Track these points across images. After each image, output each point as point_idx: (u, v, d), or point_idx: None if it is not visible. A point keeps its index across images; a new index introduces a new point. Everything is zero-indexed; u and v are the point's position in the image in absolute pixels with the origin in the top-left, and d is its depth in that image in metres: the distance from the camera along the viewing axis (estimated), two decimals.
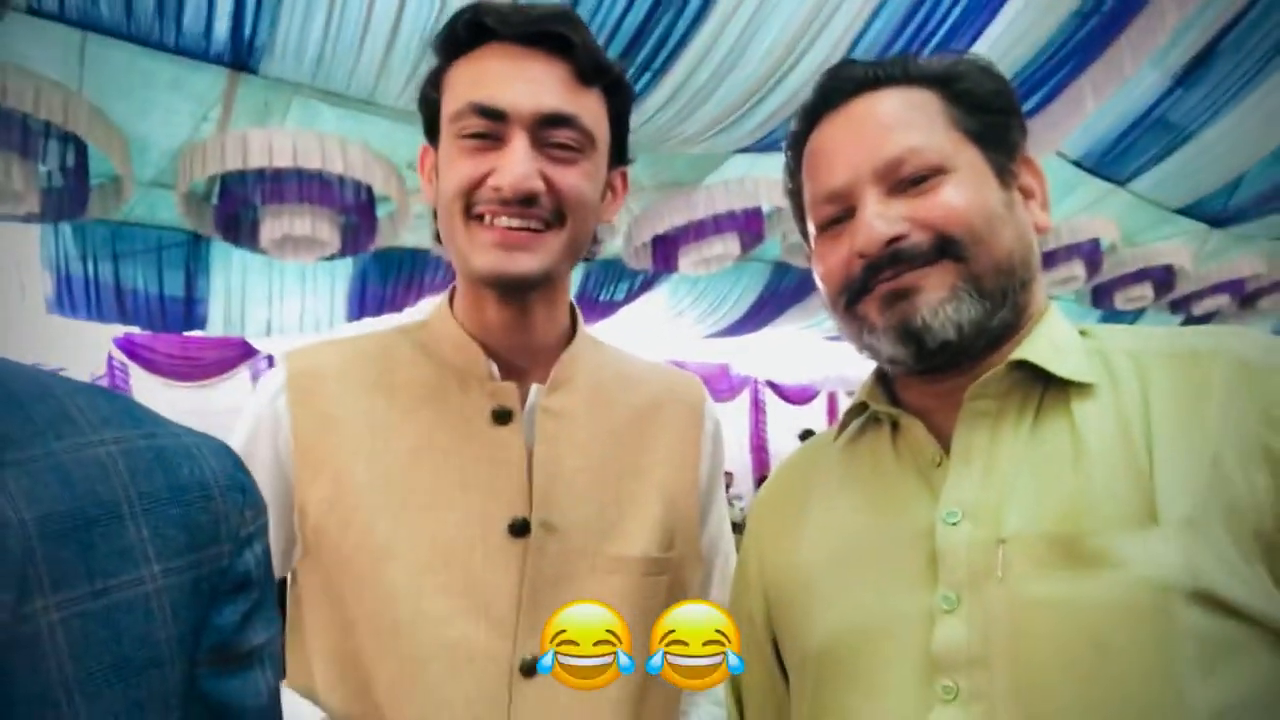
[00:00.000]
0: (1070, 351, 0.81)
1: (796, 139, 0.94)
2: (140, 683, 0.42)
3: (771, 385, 11.64)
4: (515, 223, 0.91)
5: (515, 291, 0.95)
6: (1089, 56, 4.54)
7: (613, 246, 5.93)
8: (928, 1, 3.89)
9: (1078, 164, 5.90)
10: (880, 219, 0.81)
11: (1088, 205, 6.49)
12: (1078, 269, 6.88)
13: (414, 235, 5.28)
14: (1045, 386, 0.81)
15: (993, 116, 0.86)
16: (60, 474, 0.43)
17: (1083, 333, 0.85)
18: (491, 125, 0.90)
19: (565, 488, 0.95)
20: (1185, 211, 7.00)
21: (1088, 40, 4.49)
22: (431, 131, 0.99)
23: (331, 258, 4.94)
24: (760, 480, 10.88)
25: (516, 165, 0.89)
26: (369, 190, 4.47)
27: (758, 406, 11.71)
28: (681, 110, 4.10)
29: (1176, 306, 8.59)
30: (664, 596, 0.97)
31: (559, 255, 0.94)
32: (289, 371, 0.98)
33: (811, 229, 0.92)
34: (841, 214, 0.86)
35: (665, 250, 5.81)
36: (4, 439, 0.42)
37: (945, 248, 0.80)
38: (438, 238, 1.01)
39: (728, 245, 5.61)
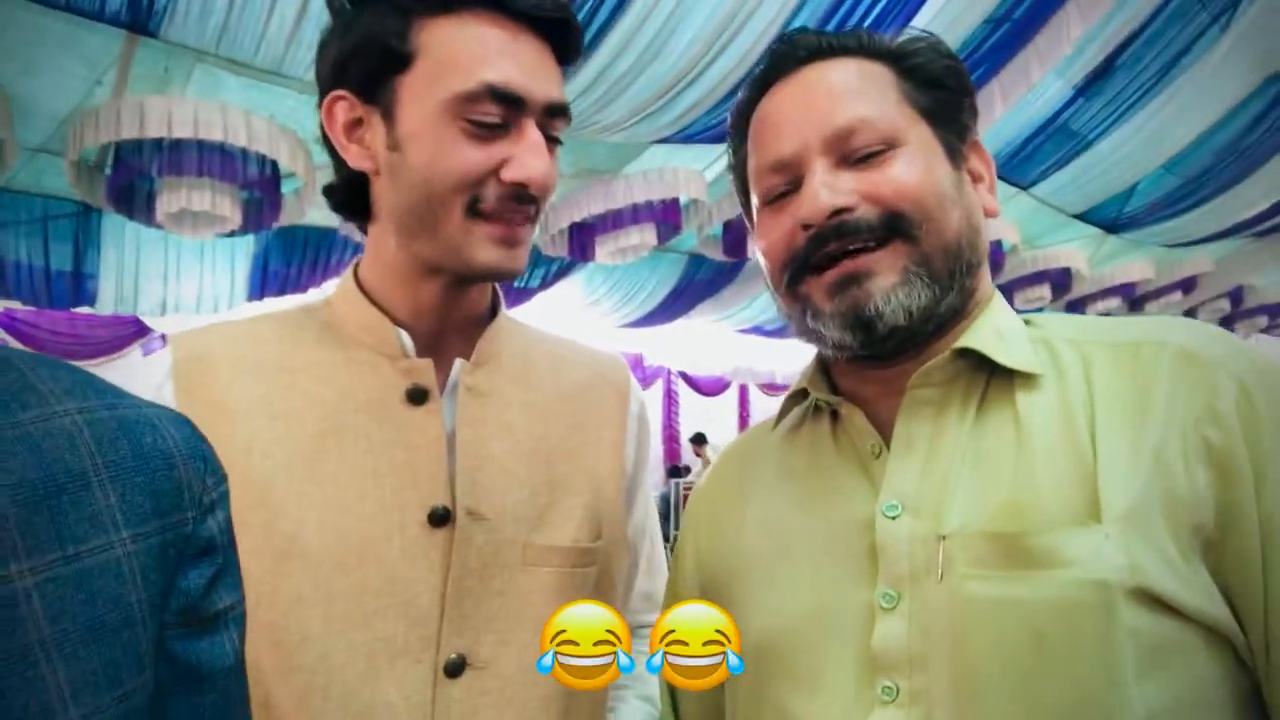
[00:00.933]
0: (1015, 340, 0.79)
1: (744, 107, 0.90)
2: (114, 643, 0.44)
3: (684, 376, 11.72)
4: (517, 218, 0.86)
5: (476, 281, 0.91)
6: (998, 62, 4.68)
7: None
8: (847, 1, 3.94)
9: None
10: (827, 188, 0.78)
11: None
12: None
13: (320, 213, 5.11)
14: (990, 375, 0.79)
15: (944, 94, 0.84)
16: (29, 444, 0.44)
17: (1027, 321, 0.84)
18: (506, 112, 0.83)
19: (494, 473, 0.89)
20: (1082, 217, 7.31)
21: (998, 46, 4.63)
22: (372, 84, 0.85)
23: (232, 234, 4.73)
24: (672, 470, 10.95)
25: (541, 160, 0.84)
26: (274, 165, 4.29)
27: (670, 397, 11.78)
28: (602, 98, 4.06)
29: (1072, 308, 8.96)
30: (591, 589, 0.93)
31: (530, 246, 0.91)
32: (175, 357, 0.89)
33: (755, 201, 0.88)
34: (787, 186, 0.83)
35: (582, 238, 5.77)
36: None
37: (894, 224, 0.78)
38: (347, 210, 0.93)
39: (645, 235, 5.60)
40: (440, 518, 0.86)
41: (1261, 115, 6.15)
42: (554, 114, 0.87)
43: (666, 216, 5.50)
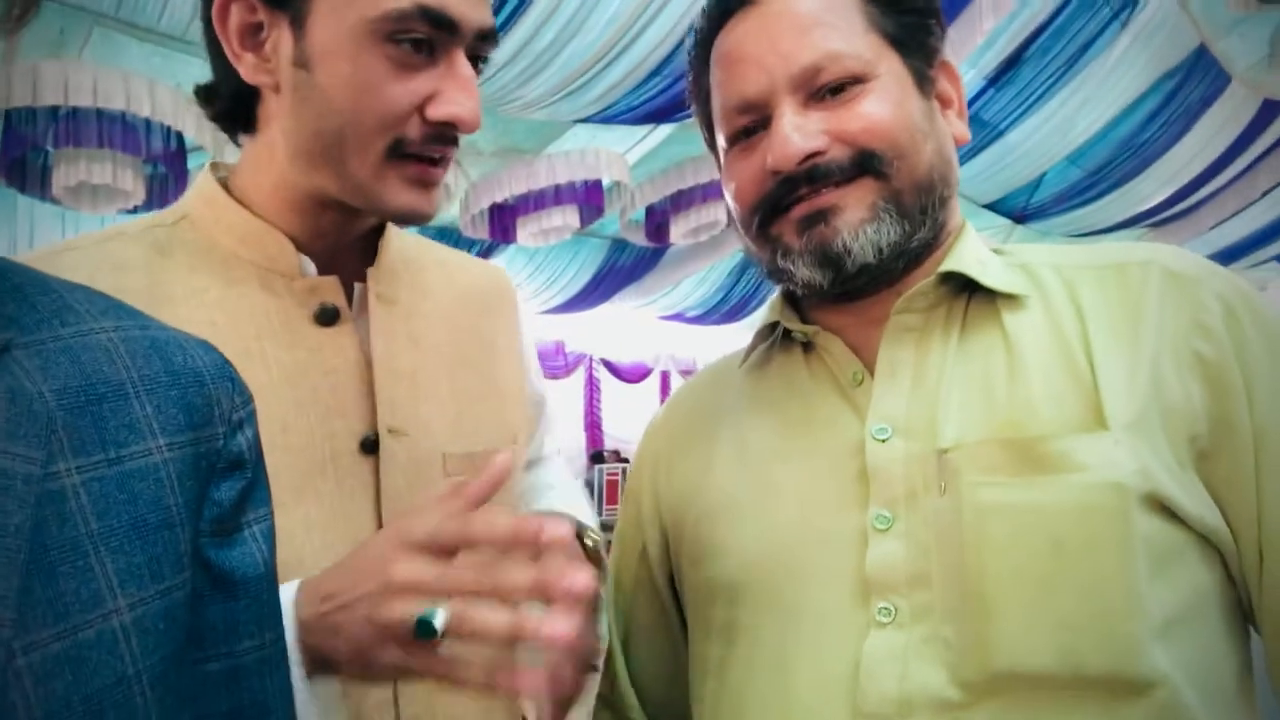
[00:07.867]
0: (995, 265, 0.79)
1: (703, 38, 0.87)
2: (155, 540, 0.48)
3: (605, 363, 11.71)
4: (437, 158, 0.79)
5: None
6: None
7: (449, 214, 5.78)
8: None
9: None
10: (798, 131, 0.76)
11: None
12: None
13: None
14: (969, 300, 0.79)
15: (912, 18, 0.81)
16: (70, 355, 0.48)
17: (997, 251, 0.84)
18: (436, 36, 0.75)
19: (408, 386, 0.85)
20: (992, 207, 7.53)
21: None
22: None
23: (134, 210, 4.54)
24: (595, 456, 10.93)
25: (473, 99, 0.77)
26: (179, 137, 4.14)
27: (592, 384, 11.76)
28: (524, 71, 4.02)
29: None
30: (507, 491, 0.88)
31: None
32: None
33: (721, 141, 0.86)
34: (755, 124, 0.81)
35: (503, 220, 5.72)
36: (15, 323, 0.47)
37: (865, 163, 0.76)
38: (225, 119, 0.83)
39: (567, 217, 5.58)
40: (371, 443, 0.81)
41: (1157, 111, 6.44)
42: (484, 38, 0.80)
43: (589, 198, 5.48)
